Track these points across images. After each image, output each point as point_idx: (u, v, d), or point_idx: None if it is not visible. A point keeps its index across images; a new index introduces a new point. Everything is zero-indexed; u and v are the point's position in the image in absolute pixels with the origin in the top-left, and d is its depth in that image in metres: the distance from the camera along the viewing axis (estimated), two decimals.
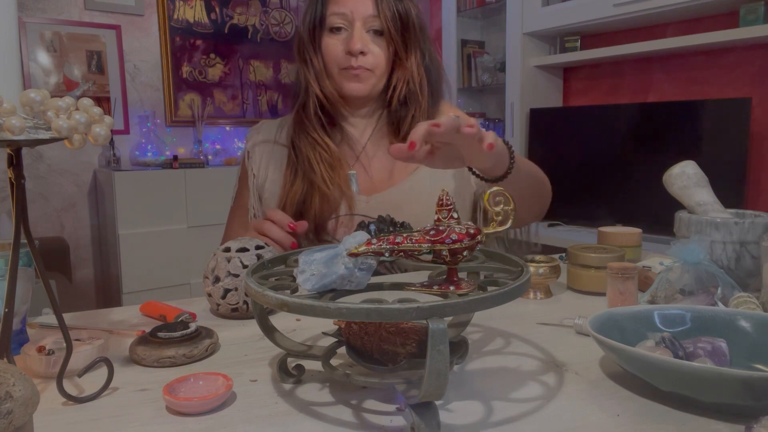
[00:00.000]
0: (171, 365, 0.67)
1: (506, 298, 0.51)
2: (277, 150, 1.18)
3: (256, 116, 3.49)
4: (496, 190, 0.59)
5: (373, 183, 1.15)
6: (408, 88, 1.13)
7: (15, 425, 0.40)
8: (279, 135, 1.20)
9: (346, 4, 1.07)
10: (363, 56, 1.07)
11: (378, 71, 1.10)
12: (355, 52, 1.06)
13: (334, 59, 1.09)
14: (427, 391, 0.48)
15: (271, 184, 1.16)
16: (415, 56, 1.12)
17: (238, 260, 0.83)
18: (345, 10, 1.07)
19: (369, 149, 1.18)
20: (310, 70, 1.12)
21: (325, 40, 1.10)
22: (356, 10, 1.07)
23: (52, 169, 2.99)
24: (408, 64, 1.12)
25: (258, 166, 1.19)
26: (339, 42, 1.09)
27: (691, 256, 0.80)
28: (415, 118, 1.14)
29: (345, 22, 1.08)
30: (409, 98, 1.14)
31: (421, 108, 1.14)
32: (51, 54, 2.92)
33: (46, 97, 0.52)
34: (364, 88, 1.10)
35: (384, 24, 1.08)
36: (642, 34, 2.70)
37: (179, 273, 2.81)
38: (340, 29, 1.08)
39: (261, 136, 1.21)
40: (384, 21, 1.07)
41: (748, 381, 0.50)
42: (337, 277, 0.55)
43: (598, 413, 0.55)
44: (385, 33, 1.09)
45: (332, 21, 1.08)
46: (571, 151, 2.81)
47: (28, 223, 0.57)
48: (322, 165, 1.10)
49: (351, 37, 1.07)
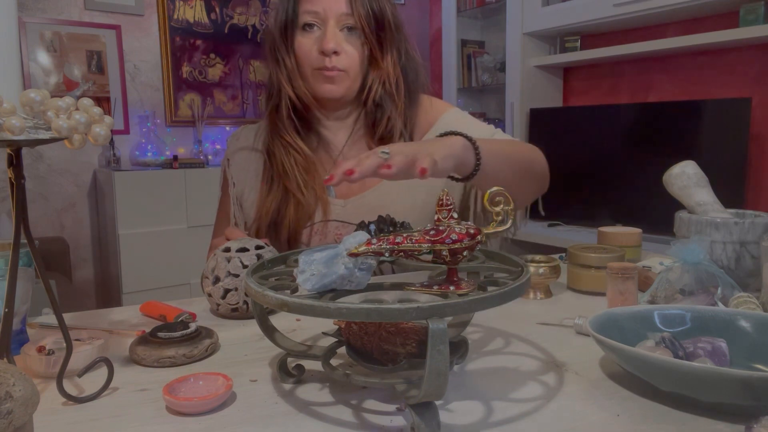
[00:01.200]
0: (171, 365, 0.67)
1: (506, 298, 0.51)
2: (254, 156, 1.16)
3: (256, 116, 3.49)
4: (496, 190, 0.59)
5: (350, 186, 1.12)
6: (384, 88, 1.10)
7: (15, 425, 0.40)
8: (256, 141, 1.17)
9: (319, 2, 1.04)
10: (336, 56, 1.04)
11: (352, 72, 1.07)
12: (328, 51, 1.03)
13: (306, 59, 1.06)
14: (427, 391, 0.48)
15: (250, 191, 1.15)
16: (390, 55, 1.09)
17: (238, 260, 0.83)
18: (317, 8, 1.04)
19: (347, 152, 1.15)
20: (283, 70, 1.08)
21: (297, 39, 1.06)
22: (329, 7, 1.04)
23: (52, 169, 2.99)
24: (383, 63, 1.09)
25: (238, 174, 1.17)
26: (312, 41, 1.05)
27: (691, 256, 0.80)
28: (391, 119, 1.11)
29: (317, 20, 1.05)
30: (384, 99, 1.10)
31: (397, 109, 1.11)
32: (51, 54, 2.92)
33: (46, 97, 0.52)
34: (338, 89, 1.06)
35: (358, 22, 1.05)
36: (642, 34, 2.70)
37: (179, 273, 2.81)
38: (313, 27, 1.05)
39: (240, 143, 1.19)
40: (358, 19, 1.04)
41: (748, 381, 0.50)
42: (337, 277, 0.55)
43: (598, 413, 0.55)
44: (359, 31, 1.06)
45: (304, 19, 1.05)
46: (571, 151, 2.81)
47: (28, 223, 0.57)
48: (296, 169, 1.08)
49: (324, 37, 1.03)
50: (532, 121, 2.96)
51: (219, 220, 1.21)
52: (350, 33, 1.06)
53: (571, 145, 2.81)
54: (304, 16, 1.05)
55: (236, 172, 1.17)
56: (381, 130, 1.13)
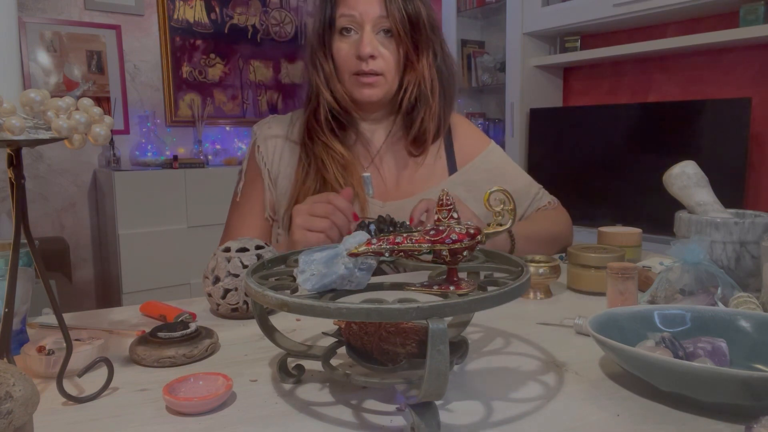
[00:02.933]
0: (171, 365, 0.67)
1: (506, 298, 0.51)
2: (289, 146, 1.16)
3: (256, 116, 3.49)
4: (497, 190, 0.59)
5: (387, 188, 1.14)
6: (419, 90, 1.11)
7: (15, 425, 0.40)
8: (291, 131, 1.17)
9: (356, 6, 1.05)
10: (373, 60, 1.06)
11: (389, 75, 1.08)
12: (365, 56, 1.05)
13: (344, 64, 1.08)
14: (427, 391, 0.48)
15: (284, 179, 1.14)
16: (426, 57, 1.10)
17: (238, 260, 0.83)
18: (354, 11, 1.06)
19: (383, 153, 1.17)
20: (320, 75, 1.10)
21: (335, 44, 1.08)
22: (365, 11, 1.05)
23: (52, 169, 2.99)
24: (419, 65, 1.10)
25: (270, 160, 1.16)
26: (349, 46, 1.07)
27: (691, 256, 0.80)
28: (424, 120, 1.13)
29: (354, 24, 1.06)
30: (419, 100, 1.12)
31: (431, 110, 1.13)
32: (51, 54, 2.92)
33: (46, 97, 0.52)
34: (375, 93, 1.08)
35: (393, 25, 1.06)
36: (642, 34, 2.70)
37: (179, 273, 2.81)
38: (350, 31, 1.07)
39: (272, 131, 1.19)
40: (393, 22, 1.05)
41: (748, 381, 0.50)
42: (337, 277, 0.54)
43: (598, 413, 0.55)
44: (394, 35, 1.07)
45: (341, 23, 1.07)
46: (571, 151, 2.81)
47: (28, 223, 0.57)
48: (335, 166, 1.09)
49: (361, 41, 1.05)
50: (532, 121, 2.96)
51: (238, 208, 1.18)
52: (386, 36, 1.07)
53: (571, 145, 2.81)
54: (341, 20, 1.07)
55: (269, 158, 1.16)
56: (414, 131, 1.15)
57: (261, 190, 1.16)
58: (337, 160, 1.10)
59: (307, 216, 0.93)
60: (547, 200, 1.26)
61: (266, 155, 1.16)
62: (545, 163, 2.87)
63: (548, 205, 1.25)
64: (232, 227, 1.17)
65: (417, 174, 1.17)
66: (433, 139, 1.16)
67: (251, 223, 1.15)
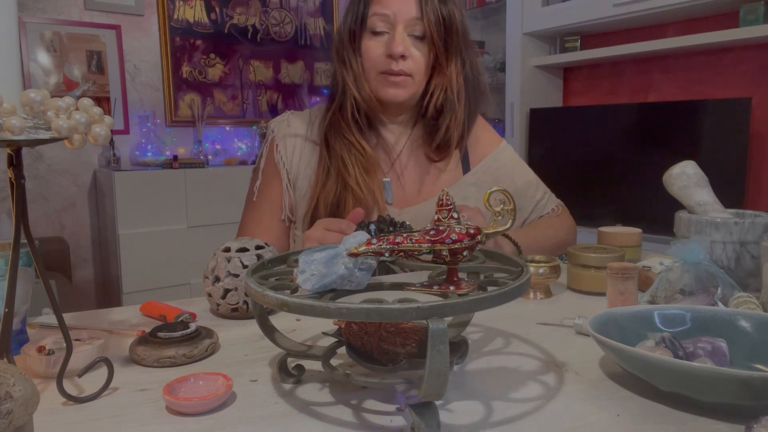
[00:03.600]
0: (171, 365, 0.67)
1: (506, 298, 0.51)
2: (308, 147, 1.14)
3: (256, 116, 3.49)
4: (497, 190, 0.59)
5: (405, 194, 1.13)
6: (445, 96, 1.10)
7: (15, 425, 0.40)
8: (310, 131, 1.15)
9: (390, 6, 1.04)
10: (403, 60, 1.04)
11: (417, 77, 1.07)
12: (396, 55, 1.03)
13: (373, 62, 1.06)
14: (427, 391, 0.48)
15: (303, 180, 1.13)
16: (455, 63, 1.09)
17: (238, 260, 0.83)
18: (388, 11, 1.04)
19: (403, 157, 1.15)
20: (349, 72, 1.09)
21: (365, 42, 1.07)
22: (399, 11, 1.04)
23: (52, 169, 2.99)
24: (447, 71, 1.09)
25: (290, 160, 1.13)
26: (379, 45, 1.05)
27: (691, 256, 0.80)
28: (449, 128, 1.12)
29: (387, 25, 1.05)
30: (445, 107, 1.11)
31: (456, 118, 1.11)
32: (51, 54, 2.92)
33: (46, 97, 0.52)
34: (402, 94, 1.07)
35: (427, 28, 1.04)
36: (642, 34, 2.70)
37: (179, 273, 2.81)
38: (382, 33, 1.05)
39: (291, 129, 1.16)
40: (427, 25, 1.04)
41: (748, 381, 0.50)
42: (337, 277, 0.54)
43: (598, 413, 0.55)
44: (427, 37, 1.05)
45: (373, 22, 1.05)
46: (571, 151, 2.81)
47: (28, 223, 0.57)
48: (356, 168, 1.07)
49: (392, 40, 1.04)
50: (532, 121, 2.96)
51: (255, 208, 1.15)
52: (417, 39, 1.06)
53: (571, 145, 2.81)
54: (373, 19, 1.05)
55: (288, 158, 1.14)
56: (439, 138, 1.13)
57: (279, 191, 1.13)
58: (359, 161, 1.08)
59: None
60: (552, 206, 1.25)
61: (285, 155, 1.14)
62: (545, 163, 2.87)
63: (552, 212, 1.24)
64: (247, 228, 1.15)
65: (438, 180, 1.16)
66: (455, 145, 1.16)
67: (267, 225, 1.13)
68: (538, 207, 1.23)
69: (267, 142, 1.17)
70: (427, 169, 1.17)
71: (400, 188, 1.14)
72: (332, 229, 0.92)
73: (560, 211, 1.26)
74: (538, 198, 1.24)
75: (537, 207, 1.23)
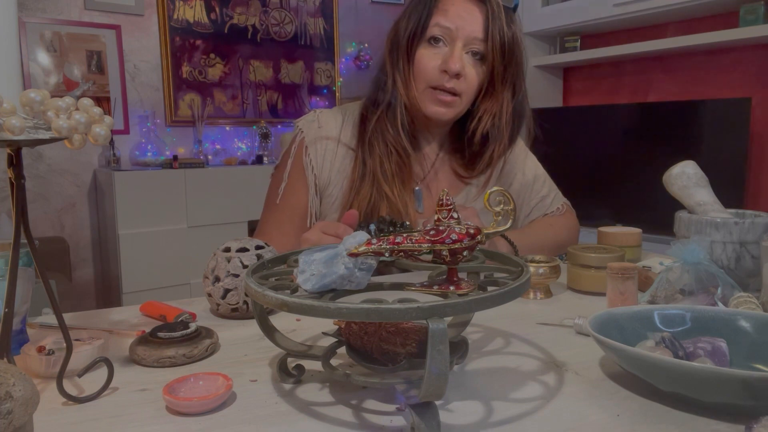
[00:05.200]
0: (171, 365, 0.67)
1: (506, 298, 0.51)
2: (340, 152, 1.09)
3: (256, 116, 3.49)
4: (497, 190, 0.59)
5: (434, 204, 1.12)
6: (493, 122, 1.06)
7: (15, 425, 0.40)
8: (343, 133, 1.10)
9: (454, 20, 0.99)
10: (457, 79, 1.00)
11: (466, 97, 1.03)
12: (453, 72, 0.99)
13: (425, 75, 1.02)
14: (427, 391, 0.48)
15: (334, 188, 1.08)
16: (509, 89, 1.06)
17: (238, 260, 0.83)
18: (451, 25, 1.00)
19: (435, 168, 1.14)
20: (401, 77, 1.04)
21: (420, 51, 1.02)
22: (463, 27, 0.99)
23: (52, 169, 2.99)
24: (500, 97, 1.05)
25: (320, 165, 1.08)
26: (435, 57, 1.01)
27: (691, 256, 0.80)
28: (493, 156, 1.09)
29: (446, 36, 1.01)
30: (491, 134, 1.07)
31: (501, 145, 1.09)
32: (51, 54, 2.92)
33: (46, 97, 0.52)
34: (448, 113, 1.03)
35: (490, 50, 1.00)
36: (642, 34, 2.70)
37: (179, 273, 2.80)
38: (439, 42, 1.01)
39: (322, 131, 1.10)
40: (491, 47, 1.00)
41: (748, 381, 0.50)
42: (337, 277, 0.54)
43: (598, 413, 0.55)
44: (487, 59, 1.01)
45: (433, 32, 1.01)
46: (571, 151, 2.81)
47: (28, 223, 0.57)
48: (393, 175, 1.05)
49: (451, 56, 0.99)
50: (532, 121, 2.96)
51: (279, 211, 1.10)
52: (475, 57, 1.02)
53: (571, 145, 2.81)
54: (434, 29, 1.01)
55: (318, 163, 1.08)
56: (481, 165, 1.11)
57: (304, 196, 1.09)
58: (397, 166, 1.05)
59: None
60: (557, 205, 1.24)
61: (315, 160, 1.08)
62: (545, 163, 2.87)
63: (556, 211, 1.23)
64: (266, 232, 1.11)
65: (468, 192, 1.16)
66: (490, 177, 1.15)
67: (288, 231, 1.08)
68: (543, 203, 1.23)
69: (296, 143, 1.11)
70: (455, 182, 1.16)
71: (429, 198, 1.13)
72: (329, 233, 0.89)
73: (565, 210, 1.25)
74: (543, 194, 1.23)
75: (541, 203, 1.22)
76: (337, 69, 3.73)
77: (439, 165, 1.15)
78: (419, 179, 1.12)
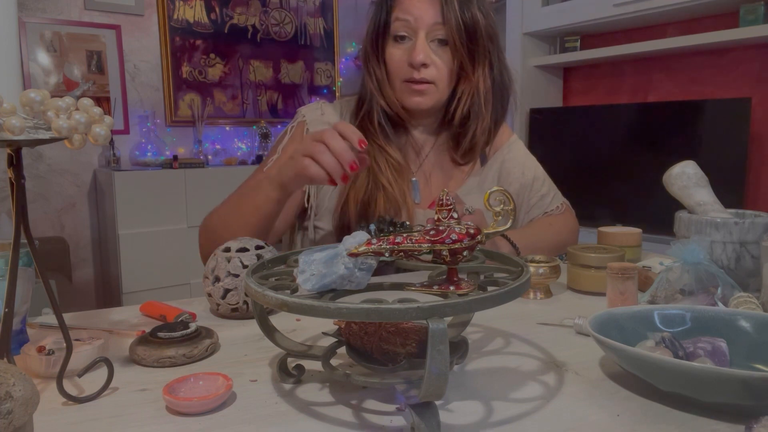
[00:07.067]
0: (171, 365, 0.67)
1: (506, 298, 0.51)
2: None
3: (256, 116, 3.49)
4: (497, 189, 0.59)
5: (432, 195, 1.13)
6: (472, 101, 1.09)
7: (15, 425, 0.40)
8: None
9: (411, 11, 1.03)
10: (425, 68, 1.03)
11: (441, 84, 1.06)
12: (417, 64, 1.02)
13: (396, 71, 1.06)
14: (427, 391, 0.48)
15: None
16: (482, 68, 1.08)
17: (238, 260, 0.83)
18: (409, 16, 1.03)
19: (431, 158, 1.16)
20: (373, 80, 1.09)
21: (388, 50, 1.07)
22: (420, 17, 1.02)
23: (52, 169, 2.99)
24: (474, 76, 1.08)
25: None
26: (402, 52, 1.05)
27: (691, 256, 0.80)
28: (476, 135, 1.12)
29: (408, 30, 1.04)
30: (471, 113, 1.10)
31: (483, 124, 1.11)
32: (51, 54, 2.92)
33: (46, 97, 0.52)
34: (425, 102, 1.06)
35: (449, 34, 1.03)
36: (642, 34, 2.70)
37: (179, 273, 2.80)
38: (404, 38, 1.05)
39: (325, 117, 1.14)
40: (449, 31, 1.02)
41: (748, 381, 0.50)
42: (337, 277, 0.54)
43: (598, 413, 0.55)
44: (449, 43, 1.04)
45: (396, 27, 1.05)
46: (571, 151, 2.81)
47: (28, 223, 0.57)
48: (389, 168, 1.07)
49: (413, 48, 1.03)
50: (532, 121, 2.96)
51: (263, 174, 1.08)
52: (441, 45, 1.05)
53: (571, 145, 2.81)
54: (396, 25, 1.05)
55: None
56: (465, 145, 1.13)
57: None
58: (391, 162, 1.08)
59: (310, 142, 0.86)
60: (556, 204, 1.25)
61: None
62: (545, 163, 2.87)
63: (556, 210, 1.24)
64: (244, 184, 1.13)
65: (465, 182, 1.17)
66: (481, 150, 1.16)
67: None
68: (542, 202, 1.24)
69: (295, 123, 1.14)
70: (453, 171, 1.17)
71: (427, 190, 1.15)
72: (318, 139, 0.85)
73: (564, 209, 1.26)
74: (543, 192, 1.24)
75: (541, 202, 1.23)
76: (337, 69, 3.74)
77: (435, 155, 1.17)
78: (416, 169, 1.15)
